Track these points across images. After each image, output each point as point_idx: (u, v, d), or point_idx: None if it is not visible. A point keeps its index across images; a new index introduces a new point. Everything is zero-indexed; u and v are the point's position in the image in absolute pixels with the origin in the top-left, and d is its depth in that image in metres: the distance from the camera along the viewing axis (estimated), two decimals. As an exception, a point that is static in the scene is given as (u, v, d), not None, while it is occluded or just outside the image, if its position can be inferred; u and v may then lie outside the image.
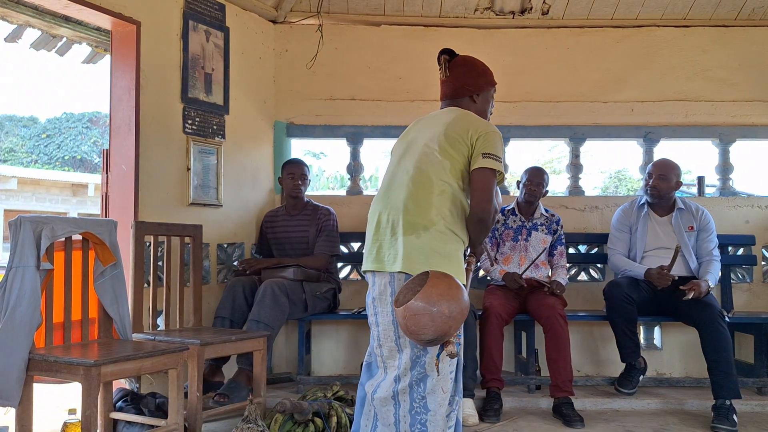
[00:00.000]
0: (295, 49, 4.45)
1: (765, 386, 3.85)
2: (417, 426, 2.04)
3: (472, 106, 2.28)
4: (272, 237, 4.02)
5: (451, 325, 1.84)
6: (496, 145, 2.10)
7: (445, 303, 1.83)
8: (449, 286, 1.87)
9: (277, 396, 3.59)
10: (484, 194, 2.05)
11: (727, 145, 4.52)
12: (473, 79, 2.30)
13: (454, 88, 2.30)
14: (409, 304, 1.85)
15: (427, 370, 2.04)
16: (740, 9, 4.45)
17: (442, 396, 2.04)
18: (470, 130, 2.11)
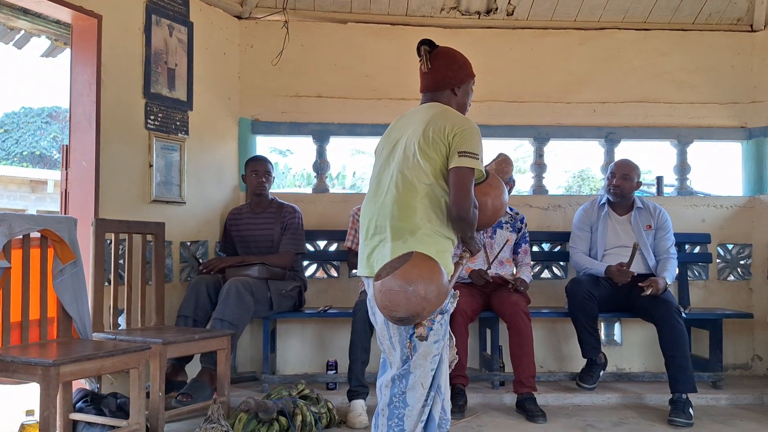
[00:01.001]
0: (260, 45, 4.42)
1: (720, 380, 3.96)
2: (394, 420, 2.09)
3: (453, 99, 2.28)
4: (236, 235, 3.98)
5: (425, 306, 1.85)
6: (473, 141, 2.09)
7: (422, 284, 1.84)
8: (430, 269, 1.89)
9: (241, 395, 3.56)
10: (461, 193, 2.04)
11: (685, 146, 4.64)
12: (454, 71, 2.29)
13: (435, 81, 2.28)
14: (385, 280, 1.87)
15: (410, 367, 2.08)
16: (698, 13, 4.57)
17: (420, 392, 2.08)
18: (446, 128, 2.10)
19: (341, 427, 3.32)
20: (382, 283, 1.88)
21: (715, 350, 4.03)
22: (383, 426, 2.12)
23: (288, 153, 20.38)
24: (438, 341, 2.09)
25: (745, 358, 4.46)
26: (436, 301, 1.88)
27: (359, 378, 3.44)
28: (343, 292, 4.35)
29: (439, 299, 1.89)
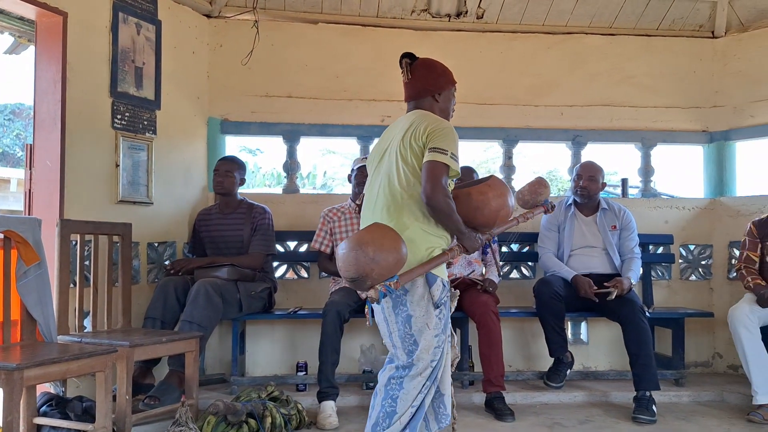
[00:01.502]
0: (230, 45, 4.38)
1: (682, 378, 4.07)
2: (388, 400, 2.25)
3: (435, 105, 2.42)
4: (206, 236, 3.95)
5: (374, 268, 1.99)
6: (446, 139, 2.21)
7: (372, 247, 2.00)
8: (383, 235, 2.06)
9: (209, 397, 3.54)
10: (428, 183, 2.16)
11: (649, 148, 4.74)
12: (434, 79, 2.43)
13: (417, 89, 2.43)
14: (342, 243, 2.08)
15: (413, 359, 2.24)
16: (662, 19, 4.68)
17: (418, 380, 2.25)
18: (421, 129, 2.25)
19: (311, 428, 3.31)
20: (339, 247, 2.08)
21: (677, 348, 4.13)
22: (378, 406, 2.27)
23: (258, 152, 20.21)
24: (438, 335, 2.26)
25: (706, 356, 4.58)
26: (386, 265, 2.01)
27: (329, 379, 3.44)
28: (314, 293, 4.34)
29: (388, 263, 2.02)
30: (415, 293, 2.24)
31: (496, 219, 2.36)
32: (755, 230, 3.88)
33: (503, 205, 2.36)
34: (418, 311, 2.24)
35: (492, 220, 2.36)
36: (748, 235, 3.90)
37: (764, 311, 3.64)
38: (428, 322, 2.24)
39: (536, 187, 2.79)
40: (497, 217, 2.35)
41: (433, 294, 2.24)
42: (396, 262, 2.05)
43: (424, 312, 2.24)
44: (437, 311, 2.24)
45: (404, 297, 2.24)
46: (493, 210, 2.34)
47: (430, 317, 2.24)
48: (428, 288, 2.25)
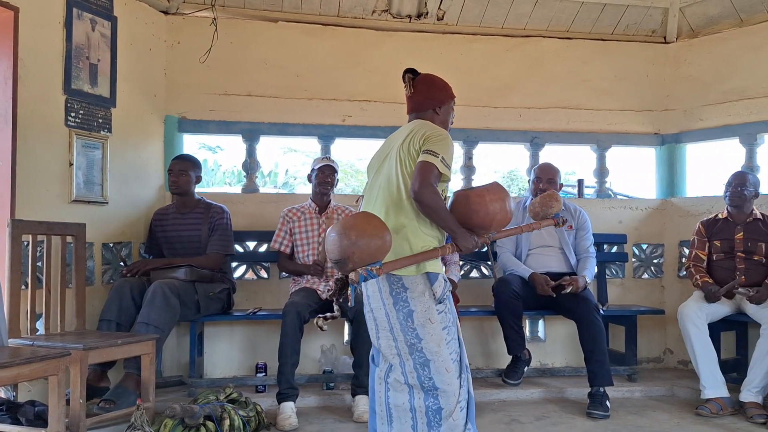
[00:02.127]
0: (188, 42, 4.32)
1: (634, 373, 4.18)
2: (430, 399, 2.33)
3: (436, 117, 2.55)
4: (162, 236, 3.88)
5: (354, 251, 2.12)
6: (439, 144, 2.33)
7: (355, 232, 2.14)
8: (367, 222, 2.20)
9: (167, 400, 3.49)
10: (416, 180, 2.27)
11: (604, 150, 4.86)
12: (435, 93, 2.58)
13: (418, 102, 2.56)
14: (330, 227, 2.24)
15: (426, 354, 2.32)
16: (616, 24, 4.79)
17: (447, 375, 2.33)
18: (419, 135, 2.37)
19: (270, 429, 3.30)
20: (326, 232, 2.19)
21: (630, 345, 4.24)
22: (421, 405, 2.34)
23: (218, 149, 19.90)
24: (446, 327, 2.35)
25: (657, 352, 4.72)
26: (367, 249, 2.13)
27: (289, 380, 3.43)
28: (273, 293, 4.32)
29: (370, 248, 2.13)
30: (416, 290, 2.33)
31: (492, 222, 2.42)
32: (703, 230, 4.01)
33: (500, 210, 2.43)
34: (419, 307, 2.33)
35: (488, 223, 2.42)
36: (697, 235, 4.04)
37: (712, 308, 3.77)
38: (430, 317, 2.33)
39: (547, 199, 2.84)
40: (493, 220, 2.42)
41: (435, 290, 2.33)
42: (377, 248, 2.16)
43: (426, 308, 2.33)
44: (440, 306, 2.35)
45: (404, 294, 2.33)
46: (490, 213, 2.40)
47: (432, 312, 2.33)
48: (429, 285, 2.34)
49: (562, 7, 4.66)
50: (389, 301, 2.35)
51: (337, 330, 4.28)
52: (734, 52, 4.54)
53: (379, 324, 2.41)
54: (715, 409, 3.57)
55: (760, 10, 4.41)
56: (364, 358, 3.53)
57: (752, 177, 3.93)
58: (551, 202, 2.83)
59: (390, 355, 2.39)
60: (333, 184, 3.97)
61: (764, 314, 3.59)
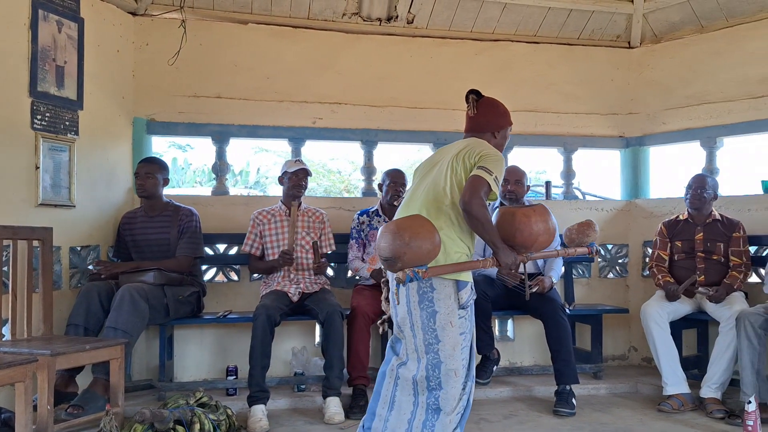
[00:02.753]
0: (156, 44, 4.29)
1: (600, 371, 4.28)
2: (431, 399, 2.44)
3: (493, 140, 2.67)
4: (130, 239, 3.85)
5: (406, 252, 2.24)
6: (493, 163, 2.44)
7: (408, 233, 2.25)
8: (420, 225, 2.30)
9: (136, 405, 3.47)
10: (467, 191, 2.38)
11: (571, 153, 4.96)
12: (496, 118, 2.72)
13: (479, 124, 2.72)
14: (384, 226, 2.34)
15: (440, 356, 2.42)
16: (582, 29, 4.89)
17: (454, 379, 2.43)
18: (476, 151, 2.49)
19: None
20: (381, 228, 2.33)
21: (596, 343, 4.34)
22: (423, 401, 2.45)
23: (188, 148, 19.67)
24: (464, 333, 2.46)
25: (622, 350, 4.84)
26: (419, 252, 2.25)
27: (260, 383, 3.44)
28: (244, 296, 4.31)
29: (422, 252, 2.25)
30: (443, 292, 2.43)
31: (534, 242, 2.52)
32: (665, 231, 4.13)
33: (543, 231, 2.53)
34: (444, 309, 2.43)
35: (530, 243, 2.53)
36: (659, 235, 4.15)
37: (673, 307, 3.89)
38: (452, 320, 2.43)
39: (585, 228, 2.87)
40: (536, 241, 2.52)
41: (461, 296, 2.44)
42: (428, 251, 2.28)
43: (449, 311, 2.43)
44: (462, 312, 2.45)
45: (431, 294, 2.43)
46: (534, 233, 2.51)
47: (454, 316, 2.43)
48: (457, 290, 2.45)
49: (529, 12, 4.74)
50: (414, 298, 2.45)
51: (307, 332, 4.30)
52: (695, 58, 4.67)
53: (400, 320, 2.52)
54: (677, 405, 3.68)
55: (720, 17, 4.55)
56: (335, 360, 3.56)
57: (711, 180, 4.06)
58: (588, 230, 2.86)
59: (410, 350, 2.50)
60: (305, 187, 3.98)
61: (723, 313, 3.71)
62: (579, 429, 3.38)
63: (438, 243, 2.31)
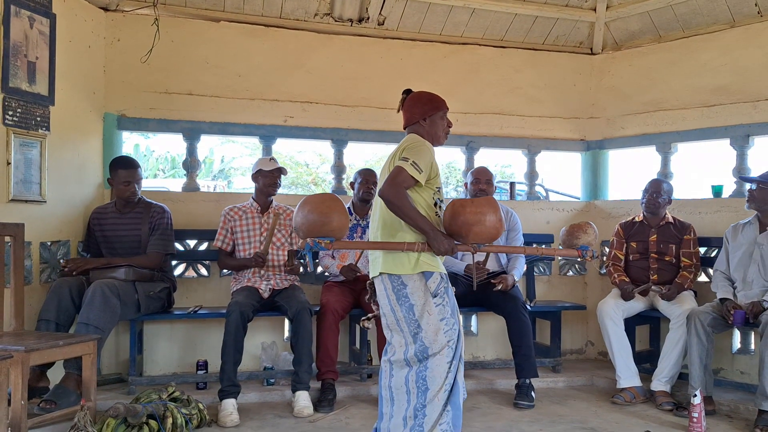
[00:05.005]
0: (128, 40, 4.29)
1: (558, 365, 4.48)
2: (420, 381, 2.59)
3: (422, 129, 2.77)
4: (101, 235, 3.87)
5: (303, 223, 2.55)
6: (414, 151, 2.58)
7: (308, 207, 2.55)
8: (321, 202, 2.59)
9: (107, 399, 3.52)
10: (388, 182, 2.53)
11: (534, 155, 5.13)
12: (419, 107, 2.79)
13: (407, 118, 2.83)
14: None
15: (425, 342, 2.59)
16: (547, 35, 5.06)
17: (439, 358, 2.58)
18: (401, 148, 2.64)
19: (212, 426, 3.38)
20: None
21: (555, 338, 4.53)
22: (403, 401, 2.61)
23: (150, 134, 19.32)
24: (444, 318, 2.60)
25: (580, 344, 5.04)
26: (313, 225, 2.53)
27: (231, 377, 3.51)
28: (214, 291, 4.37)
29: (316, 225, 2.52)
30: (413, 286, 2.60)
31: (469, 232, 2.60)
32: (622, 231, 4.33)
33: (476, 222, 2.60)
34: (418, 301, 2.59)
35: (465, 232, 2.61)
36: (616, 236, 4.35)
37: (628, 304, 4.09)
38: (428, 310, 2.59)
39: (575, 229, 2.87)
40: (470, 231, 2.60)
41: (430, 286, 2.59)
42: (320, 225, 2.53)
43: (424, 301, 2.59)
44: (437, 299, 2.59)
45: (404, 290, 2.60)
46: (466, 223, 2.59)
47: (430, 305, 2.58)
48: (425, 281, 2.59)
49: (496, 18, 4.88)
50: (393, 297, 2.63)
51: (277, 327, 4.38)
52: (653, 66, 4.88)
53: (387, 318, 2.69)
54: (629, 398, 3.89)
55: (677, 28, 4.76)
56: (304, 355, 3.66)
57: (666, 185, 4.27)
58: (578, 232, 2.85)
59: (398, 345, 2.66)
60: (280, 185, 4.05)
61: (673, 310, 3.92)
62: (537, 421, 3.55)
63: (335, 220, 2.53)
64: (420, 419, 2.56)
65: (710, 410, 3.63)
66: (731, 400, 3.82)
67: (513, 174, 15.61)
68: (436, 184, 2.69)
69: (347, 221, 2.64)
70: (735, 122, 4.44)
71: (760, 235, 3.73)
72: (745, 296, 3.72)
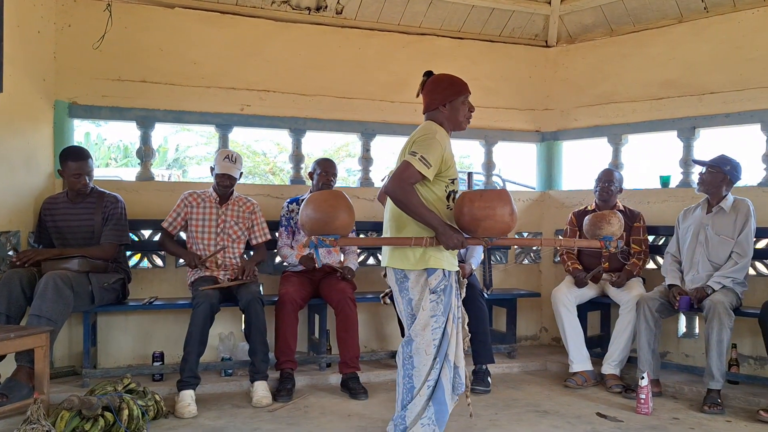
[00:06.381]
0: (79, 25, 4.17)
1: (514, 351, 4.58)
2: (406, 378, 2.64)
3: (442, 115, 2.70)
4: (52, 225, 3.77)
5: (306, 222, 2.60)
6: (423, 145, 2.54)
7: (312, 206, 2.59)
8: (325, 200, 2.60)
9: (61, 392, 3.45)
10: (394, 178, 2.53)
11: (491, 146, 5.21)
12: (439, 92, 2.70)
13: (426, 103, 2.74)
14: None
15: (412, 335, 2.63)
16: (503, 27, 5.13)
17: (425, 357, 2.61)
18: (411, 141, 2.61)
19: (169, 417, 3.35)
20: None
21: (510, 325, 4.63)
22: (400, 384, 2.66)
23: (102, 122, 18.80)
24: (435, 315, 2.60)
25: (534, 330, 5.17)
26: (317, 224, 2.56)
27: (192, 369, 3.49)
28: (169, 282, 4.32)
29: (320, 224, 2.56)
30: (415, 280, 2.63)
31: (478, 227, 2.55)
32: (575, 220, 4.44)
33: (489, 217, 2.53)
34: (416, 295, 2.63)
35: (473, 226, 2.56)
36: (569, 225, 4.46)
37: (580, 291, 4.21)
38: (423, 305, 2.61)
39: (598, 219, 2.78)
40: (479, 225, 2.55)
41: (430, 282, 2.60)
42: (324, 223, 2.55)
43: (421, 296, 2.62)
44: (433, 296, 2.60)
45: (406, 283, 2.64)
46: (476, 217, 2.54)
47: (426, 300, 2.60)
48: (426, 277, 2.60)
49: (454, 9, 4.92)
50: (396, 289, 2.69)
51: (234, 318, 4.35)
52: (605, 59, 5.00)
53: (398, 308, 2.75)
54: (581, 381, 4.02)
55: (628, 22, 4.89)
56: (258, 345, 3.66)
57: (617, 174, 4.40)
58: (601, 223, 2.75)
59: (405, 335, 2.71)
60: (230, 188, 4.00)
61: (623, 296, 4.06)
62: (493, 405, 3.63)
63: (340, 218, 2.54)
64: (403, 413, 2.62)
65: (657, 392, 3.78)
66: (676, 381, 3.98)
67: (471, 164, 15.84)
68: (449, 176, 2.63)
69: (352, 219, 2.63)
70: (682, 115, 4.60)
71: (706, 216, 3.89)
72: (691, 281, 3.87)
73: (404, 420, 2.61)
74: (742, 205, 3.79)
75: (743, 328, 4.04)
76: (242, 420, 3.33)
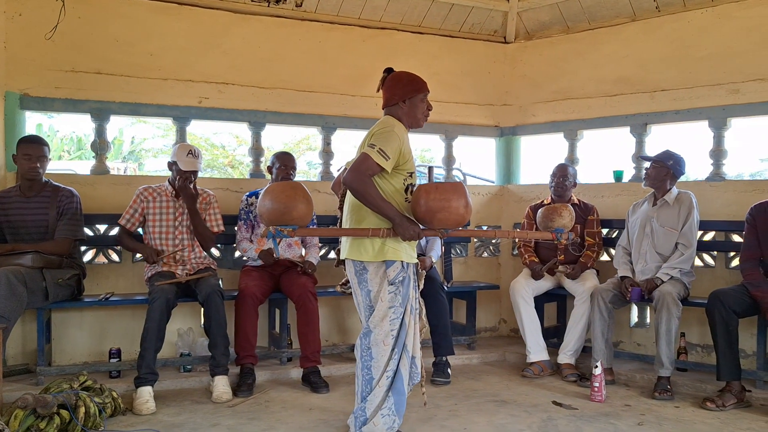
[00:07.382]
0: (30, 15, 4.05)
1: (473, 342, 4.66)
2: (365, 370, 2.70)
3: (401, 110, 2.76)
4: (5, 220, 3.66)
5: (263, 212, 2.63)
6: (381, 137, 2.60)
7: (269, 197, 2.62)
8: (282, 191, 2.63)
9: (14, 390, 3.37)
10: (352, 170, 2.58)
11: (451, 140, 5.26)
12: (398, 89, 2.76)
13: (385, 98, 2.80)
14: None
15: (370, 326, 2.69)
16: (463, 23, 5.18)
17: (383, 348, 2.67)
18: (370, 134, 2.66)
19: (127, 414, 3.31)
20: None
21: (470, 317, 4.71)
22: (359, 376, 2.72)
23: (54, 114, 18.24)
24: (393, 307, 2.67)
25: (493, 322, 5.27)
26: (274, 214, 2.59)
27: (150, 365, 3.44)
28: (126, 277, 4.25)
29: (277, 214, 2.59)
30: (373, 272, 2.68)
31: (433, 218, 2.61)
32: (531, 214, 4.53)
33: (443, 209, 2.60)
34: (375, 287, 2.68)
35: (429, 217, 2.62)
36: (527, 218, 4.55)
37: (537, 283, 4.31)
38: (382, 296, 2.67)
39: (550, 212, 2.88)
40: (435, 217, 2.61)
41: (389, 274, 2.66)
42: (280, 214, 2.58)
43: (380, 288, 2.67)
44: (391, 287, 2.66)
45: (365, 275, 2.69)
46: (431, 209, 2.60)
47: (384, 292, 2.66)
48: (385, 268, 2.66)
49: (414, 3, 4.95)
50: (355, 281, 2.74)
51: (193, 313, 4.31)
52: (561, 56, 5.10)
53: (355, 299, 2.80)
54: (537, 371, 4.12)
55: (583, 20, 4.99)
56: (218, 338, 3.63)
57: (572, 169, 4.50)
58: (552, 215, 2.85)
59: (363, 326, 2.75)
60: (191, 182, 3.94)
61: (578, 288, 4.17)
62: (453, 396, 3.69)
63: (298, 209, 2.58)
64: (363, 405, 2.66)
65: (610, 380, 3.90)
66: (629, 370, 4.11)
67: (432, 158, 15.96)
68: (407, 169, 2.70)
69: (310, 209, 2.66)
70: (634, 111, 4.73)
71: (652, 209, 4.02)
72: (641, 272, 4.00)
73: (364, 411, 2.65)
74: (685, 198, 3.93)
75: (691, 318, 4.19)
76: (202, 416, 3.31)
